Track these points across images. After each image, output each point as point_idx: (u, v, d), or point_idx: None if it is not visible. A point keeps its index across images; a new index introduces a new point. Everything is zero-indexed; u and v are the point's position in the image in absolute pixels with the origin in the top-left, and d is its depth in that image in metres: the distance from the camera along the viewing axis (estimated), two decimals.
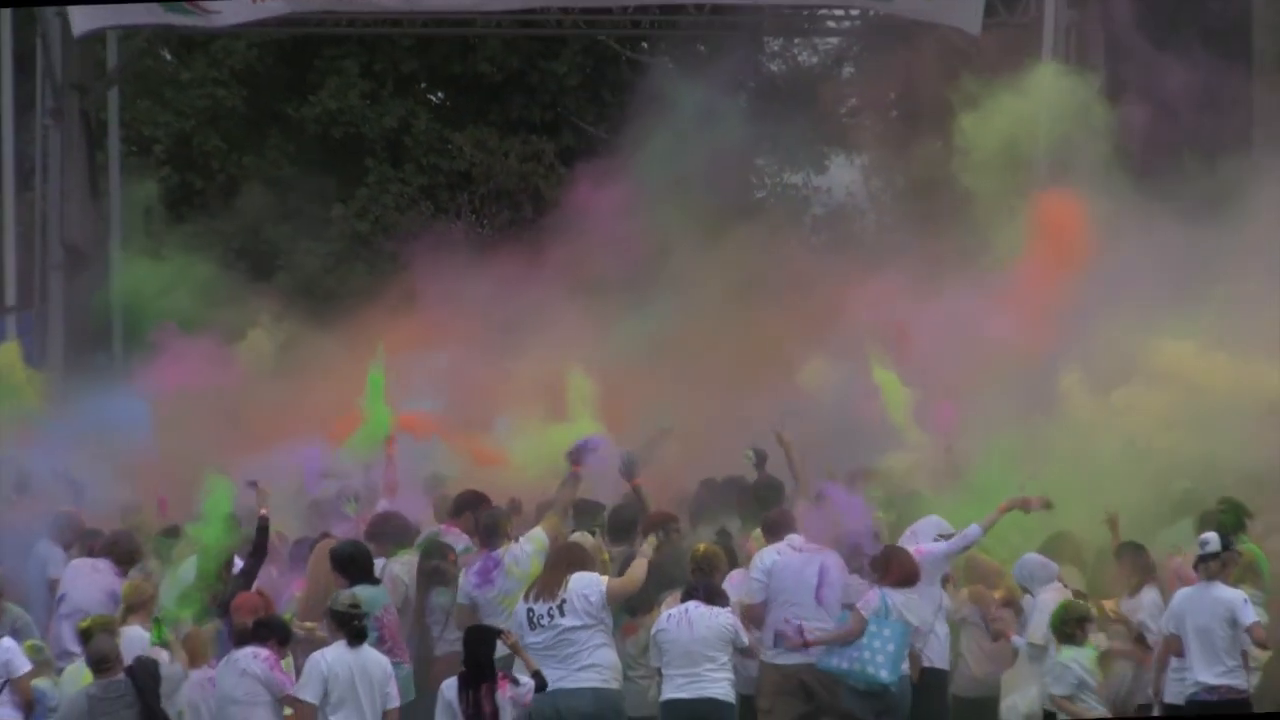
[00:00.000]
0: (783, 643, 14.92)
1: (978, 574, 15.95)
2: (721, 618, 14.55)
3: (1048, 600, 14.76)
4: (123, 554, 17.02)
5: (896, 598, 14.69)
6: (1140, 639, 14.75)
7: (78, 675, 14.53)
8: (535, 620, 14.66)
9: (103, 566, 16.72)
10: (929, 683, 15.04)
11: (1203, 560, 14.12)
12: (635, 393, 19.89)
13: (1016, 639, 14.83)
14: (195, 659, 14.26)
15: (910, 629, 14.70)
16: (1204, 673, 14.06)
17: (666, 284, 21.58)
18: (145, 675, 13.61)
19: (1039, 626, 14.48)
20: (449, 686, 13.81)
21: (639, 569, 14.80)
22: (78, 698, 13.68)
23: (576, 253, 22.09)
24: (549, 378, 19.79)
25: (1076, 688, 14.20)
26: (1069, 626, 14.18)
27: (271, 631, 13.81)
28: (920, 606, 14.86)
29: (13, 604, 16.11)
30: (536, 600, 14.84)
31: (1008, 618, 15.34)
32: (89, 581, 16.60)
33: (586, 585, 14.78)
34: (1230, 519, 15.23)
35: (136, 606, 15.31)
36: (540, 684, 14.19)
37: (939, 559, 15.19)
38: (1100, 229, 19.71)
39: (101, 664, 13.69)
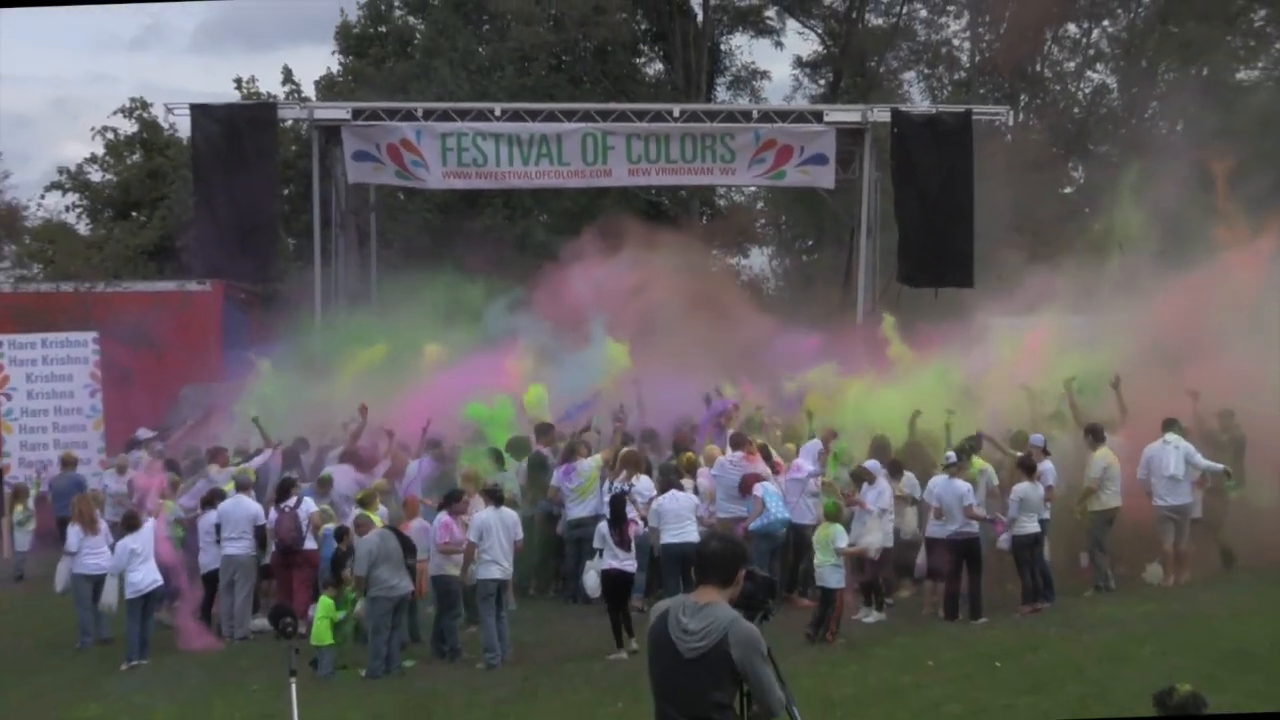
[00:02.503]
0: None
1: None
2: (692, 497, 14.56)
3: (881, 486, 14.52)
4: (357, 461, 16.40)
5: (767, 485, 14.64)
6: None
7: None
8: (610, 489, 14.64)
9: (346, 468, 16.16)
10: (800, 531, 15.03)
11: (948, 466, 14.26)
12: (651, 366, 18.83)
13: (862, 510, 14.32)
14: (411, 517, 14.12)
15: (781, 494, 14.76)
16: (955, 525, 13.87)
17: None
18: (399, 530, 13.30)
19: (873, 501, 14.31)
20: (602, 526, 13.64)
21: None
22: (372, 537, 13.16)
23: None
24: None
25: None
26: (832, 513, 13.78)
27: (450, 502, 13.71)
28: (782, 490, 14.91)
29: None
30: (616, 479, 14.95)
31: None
32: (341, 474, 15.92)
33: (643, 490, 14.87)
34: (969, 448, 14.99)
35: (376, 492, 14.77)
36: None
37: (798, 481, 15.12)
38: None
39: (361, 524, 13.61)
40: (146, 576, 13.73)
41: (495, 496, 13.61)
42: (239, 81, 33.51)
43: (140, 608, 13.69)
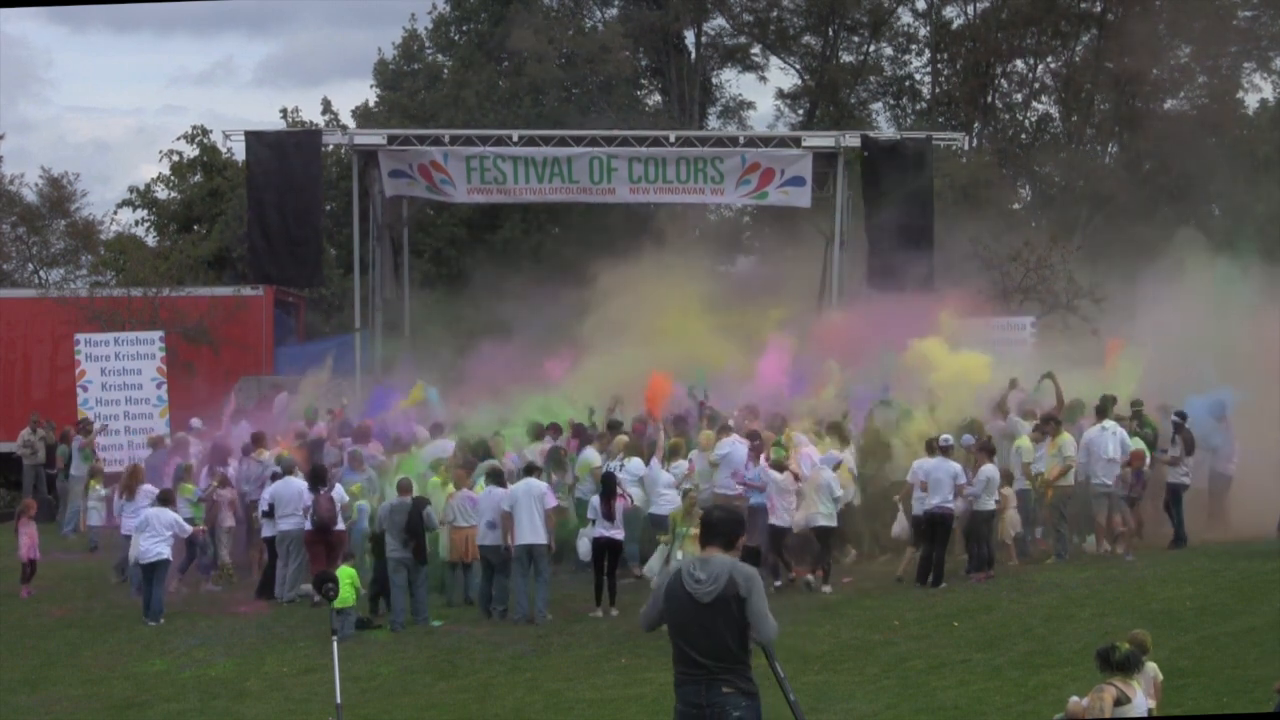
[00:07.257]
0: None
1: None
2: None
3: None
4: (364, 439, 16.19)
5: (760, 468, 14.17)
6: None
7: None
8: (610, 468, 14.38)
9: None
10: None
11: (944, 448, 13.93)
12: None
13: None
14: (460, 486, 13.92)
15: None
16: (940, 499, 13.61)
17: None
18: (422, 500, 13.31)
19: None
20: (594, 499, 13.50)
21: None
22: (384, 506, 13.22)
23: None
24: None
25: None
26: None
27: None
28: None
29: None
30: (612, 460, 14.77)
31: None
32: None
33: (633, 470, 14.62)
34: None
35: (385, 469, 14.89)
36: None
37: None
38: None
39: (401, 490, 13.36)
40: (150, 549, 13.41)
41: (496, 477, 13.31)
42: (284, 111, 33.23)
43: (149, 575, 13.48)
